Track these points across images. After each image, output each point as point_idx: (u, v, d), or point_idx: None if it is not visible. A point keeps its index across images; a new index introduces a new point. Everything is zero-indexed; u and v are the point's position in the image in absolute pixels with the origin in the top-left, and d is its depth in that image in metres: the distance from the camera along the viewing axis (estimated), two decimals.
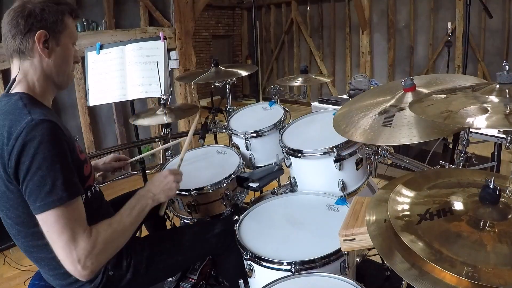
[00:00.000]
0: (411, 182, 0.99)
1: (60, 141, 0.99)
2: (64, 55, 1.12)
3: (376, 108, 1.26)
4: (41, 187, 0.94)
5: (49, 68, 1.10)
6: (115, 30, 4.20)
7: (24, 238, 1.08)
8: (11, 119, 0.99)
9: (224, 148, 1.94)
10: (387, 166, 3.52)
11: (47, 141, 0.95)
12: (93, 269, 1.02)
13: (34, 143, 0.94)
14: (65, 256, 0.98)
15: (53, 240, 0.98)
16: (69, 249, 0.97)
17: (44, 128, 0.96)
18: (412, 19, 6.40)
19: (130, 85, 2.59)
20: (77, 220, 1.00)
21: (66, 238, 0.97)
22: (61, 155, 0.98)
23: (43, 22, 1.04)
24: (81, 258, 0.98)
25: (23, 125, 0.95)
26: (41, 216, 0.96)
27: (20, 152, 0.94)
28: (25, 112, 0.99)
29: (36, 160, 0.94)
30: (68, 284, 1.14)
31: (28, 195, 0.96)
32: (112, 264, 1.18)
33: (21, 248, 1.12)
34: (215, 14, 9.01)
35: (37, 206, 0.95)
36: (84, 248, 0.99)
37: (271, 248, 1.21)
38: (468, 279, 0.67)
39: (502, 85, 0.88)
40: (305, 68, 2.28)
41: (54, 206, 0.95)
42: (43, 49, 1.06)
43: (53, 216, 0.96)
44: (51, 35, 1.06)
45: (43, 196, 0.94)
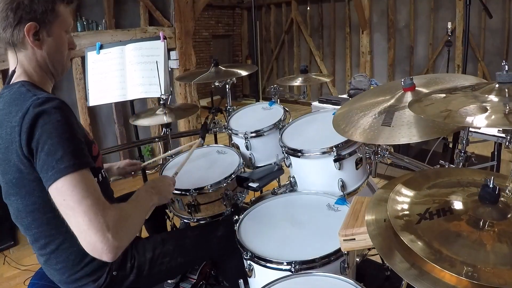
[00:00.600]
0: (411, 182, 0.99)
1: (68, 114, 0.97)
2: (57, 45, 1.09)
3: (376, 108, 1.26)
4: (52, 155, 0.90)
5: (42, 59, 1.08)
6: (115, 30, 4.20)
7: (38, 227, 1.07)
8: (16, 104, 0.98)
9: (224, 148, 1.94)
10: (387, 166, 3.52)
11: (56, 112, 0.93)
12: (123, 243, 0.92)
13: (44, 115, 0.92)
14: (90, 223, 0.87)
15: (72, 207, 0.88)
16: (95, 214, 0.88)
17: (52, 103, 0.95)
18: (412, 19, 6.40)
19: (130, 85, 2.59)
20: (96, 190, 0.93)
21: (89, 203, 0.88)
22: (71, 126, 0.95)
23: (33, 13, 1.01)
24: (110, 224, 0.88)
25: (29, 103, 0.94)
26: (54, 185, 0.90)
27: (30, 126, 0.92)
28: (30, 94, 0.99)
29: (46, 129, 0.91)
30: (72, 281, 1.14)
31: (41, 167, 0.92)
32: (117, 265, 1.18)
33: (33, 240, 1.10)
34: (215, 14, 9.01)
35: (49, 175, 0.90)
36: (113, 214, 0.91)
37: (271, 248, 1.21)
38: (468, 278, 0.67)
39: (502, 85, 0.88)
40: (305, 68, 2.28)
41: (67, 173, 0.89)
42: (33, 41, 1.04)
43: (69, 183, 0.89)
44: (41, 26, 1.04)
45: (54, 164, 0.90)
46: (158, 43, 2.58)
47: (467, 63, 2.10)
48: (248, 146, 1.84)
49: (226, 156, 1.86)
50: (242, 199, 1.73)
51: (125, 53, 2.61)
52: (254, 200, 1.76)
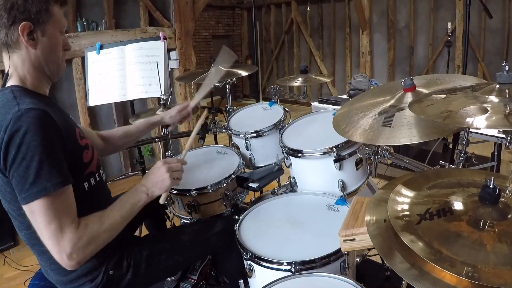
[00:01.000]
0: (411, 182, 1.00)
1: (46, 129, 0.97)
2: (51, 45, 1.09)
3: (376, 108, 1.26)
4: (25, 178, 0.93)
5: (37, 59, 1.08)
6: (115, 30, 4.20)
7: (26, 229, 1.08)
8: (2, 113, 0.98)
9: (224, 148, 1.94)
10: (387, 166, 3.52)
11: (32, 130, 0.94)
12: (79, 261, 1.00)
13: (19, 133, 0.93)
14: (52, 246, 0.97)
15: (40, 230, 0.97)
16: (56, 239, 0.96)
17: (30, 117, 0.94)
18: (412, 19, 6.40)
19: (130, 85, 2.59)
20: (64, 211, 0.98)
21: (53, 228, 0.95)
22: (46, 144, 0.96)
23: (26, 13, 1.01)
24: (66, 249, 0.97)
25: (10, 116, 0.95)
26: (27, 207, 0.95)
27: (7, 143, 0.93)
28: (14, 103, 0.99)
29: (21, 150, 0.93)
30: (68, 281, 1.14)
31: (15, 187, 0.96)
32: (113, 264, 1.18)
33: (25, 240, 1.12)
34: (215, 14, 9.01)
35: (22, 197, 0.94)
36: (70, 239, 0.97)
37: (271, 248, 1.21)
38: (468, 279, 0.67)
39: (502, 85, 0.88)
40: (305, 68, 2.28)
41: (38, 197, 0.93)
42: (28, 41, 1.04)
43: (39, 207, 0.94)
44: (35, 26, 1.04)
45: (28, 187, 0.93)
46: (158, 43, 2.58)
47: (467, 63, 2.10)
48: (248, 146, 1.84)
49: (226, 156, 1.86)
50: (242, 199, 1.73)
51: (125, 53, 2.61)
52: (254, 200, 1.76)
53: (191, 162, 1.86)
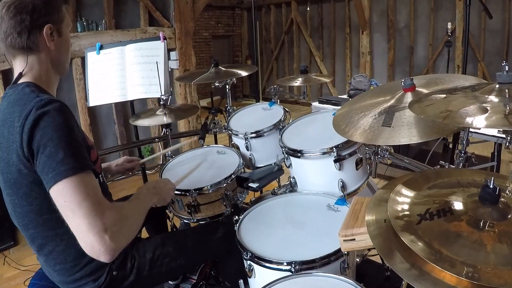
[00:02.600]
0: (411, 182, 0.99)
1: (69, 118, 0.98)
2: (65, 44, 1.15)
3: (376, 108, 1.26)
4: (52, 158, 0.91)
5: (56, 59, 1.12)
6: (115, 31, 4.20)
7: (34, 228, 1.07)
8: (20, 104, 0.99)
9: (224, 148, 1.94)
10: (387, 166, 3.52)
11: (58, 115, 0.95)
12: (121, 245, 0.94)
13: (45, 117, 0.93)
14: (88, 225, 0.89)
15: (72, 210, 0.90)
16: (94, 217, 0.89)
17: (54, 105, 0.96)
18: (412, 19, 6.40)
19: (130, 85, 2.59)
20: (95, 191, 0.95)
21: (89, 205, 0.90)
22: (71, 129, 0.97)
23: (48, 16, 1.05)
24: (108, 226, 0.90)
25: (33, 104, 0.95)
26: (56, 187, 0.91)
27: (32, 127, 0.93)
28: (34, 95, 1.00)
29: (47, 132, 0.93)
30: (72, 281, 1.14)
31: (41, 169, 0.93)
32: (117, 265, 1.18)
33: (30, 240, 1.11)
34: (215, 14, 9.01)
35: (49, 177, 0.91)
36: (110, 216, 0.92)
37: (271, 248, 1.21)
38: (468, 279, 0.67)
39: (502, 85, 0.88)
40: (305, 68, 2.28)
41: (68, 175, 0.90)
42: (50, 42, 1.07)
43: (70, 185, 0.90)
44: (54, 28, 1.08)
45: (55, 166, 0.91)
46: (158, 44, 2.58)
47: (467, 63, 2.10)
48: (248, 146, 1.84)
49: (226, 157, 1.86)
50: (242, 199, 1.73)
51: (125, 53, 2.61)
52: (254, 200, 1.76)
53: (191, 162, 1.86)
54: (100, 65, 2.63)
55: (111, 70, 2.61)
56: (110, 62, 2.62)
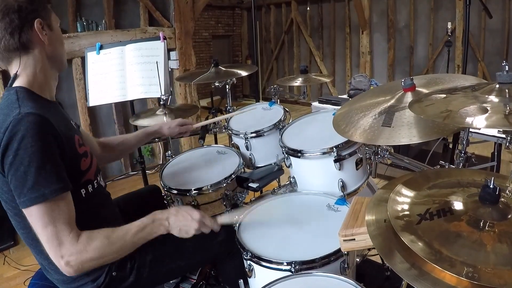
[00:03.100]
0: (411, 182, 0.99)
1: (45, 135, 0.97)
2: (58, 38, 1.15)
3: (376, 108, 1.26)
4: (23, 183, 0.94)
5: (51, 54, 1.12)
6: (115, 30, 4.20)
7: (23, 229, 1.08)
8: (4, 113, 1.00)
9: (224, 148, 1.94)
10: (387, 166, 3.52)
11: (31, 135, 0.94)
12: (76, 270, 1.00)
13: (18, 137, 0.94)
14: (49, 249, 0.98)
15: (39, 233, 0.98)
16: (53, 244, 0.97)
17: (29, 122, 0.95)
18: (412, 19, 6.40)
19: (130, 85, 2.59)
20: (62, 218, 0.99)
21: (49, 233, 0.97)
22: (45, 150, 0.96)
23: (35, 12, 1.06)
24: (64, 255, 0.98)
25: (11, 119, 0.96)
26: (26, 211, 0.97)
27: (5, 146, 0.94)
28: (16, 106, 1.00)
29: (19, 155, 0.93)
30: (70, 281, 1.14)
31: (14, 190, 0.97)
32: (117, 265, 1.18)
33: (23, 240, 1.12)
34: (215, 14, 9.00)
35: (21, 201, 0.96)
36: (68, 248, 0.98)
37: (271, 248, 1.21)
38: (468, 279, 0.67)
39: (502, 85, 0.88)
40: (305, 68, 2.28)
41: (37, 202, 0.95)
42: (44, 36, 1.08)
43: (37, 212, 0.96)
44: (44, 22, 1.08)
45: (26, 192, 0.94)
46: (158, 44, 2.57)
47: (467, 63, 2.10)
48: (248, 146, 1.84)
49: (226, 156, 1.86)
50: (242, 199, 1.73)
51: (125, 53, 2.61)
52: (254, 200, 1.76)
53: (191, 162, 1.87)
54: (100, 65, 2.62)
55: (111, 70, 2.61)
56: (110, 62, 2.62)
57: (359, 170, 1.54)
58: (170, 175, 1.76)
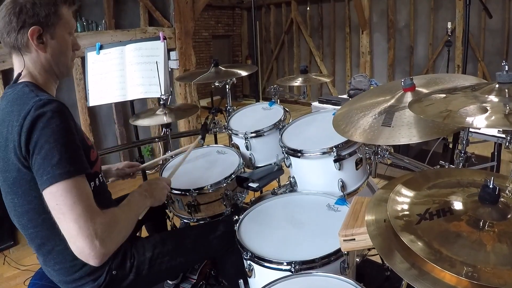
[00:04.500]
0: (411, 182, 0.99)
1: (68, 119, 0.98)
2: (60, 47, 1.11)
3: (375, 108, 1.26)
4: (48, 160, 0.92)
5: (47, 61, 1.10)
6: (115, 30, 4.20)
7: (34, 227, 1.07)
8: (18, 104, 0.99)
9: (224, 148, 1.94)
10: (387, 166, 3.52)
11: (56, 116, 0.95)
12: (110, 250, 0.96)
13: (43, 118, 0.94)
14: (79, 230, 0.90)
15: (63, 213, 0.91)
16: (84, 222, 0.91)
17: (53, 106, 0.96)
18: (412, 19, 6.40)
19: (130, 85, 2.59)
20: (88, 196, 0.96)
21: (80, 210, 0.91)
22: (69, 131, 0.97)
23: (35, 17, 1.03)
24: (98, 232, 0.92)
25: (31, 104, 0.96)
26: (49, 189, 0.92)
27: (30, 127, 0.93)
28: (33, 95, 1.00)
29: (45, 133, 0.93)
30: (71, 281, 1.14)
31: (37, 170, 0.94)
32: (116, 264, 1.18)
33: (29, 239, 1.11)
34: (215, 14, 9.01)
35: (44, 179, 0.92)
36: (102, 222, 0.94)
37: (271, 248, 1.21)
38: (468, 279, 0.67)
39: (502, 85, 0.88)
40: (305, 68, 2.28)
41: (62, 179, 0.92)
42: (38, 45, 1.05)
43: (62, 189, 0.92)
44: (44, 29, 1.05)
45: (50, 169, 0.92)
46: (158, 44, 2.57)
47: (467, 63, 2.10)
48: (248, 146, 1.84)
49: (226, 156, 1.86)
50: (242, 199, 1.73)
51: (125, 53, 2.61)
52: (254, 200, 1.76)
53: (191, 162, 1.86)
54: (100, 65, 2.63)
55: (111, 70, 2.61)
56: (110, 62, 2.62)
57: (359, 170, 1.54)
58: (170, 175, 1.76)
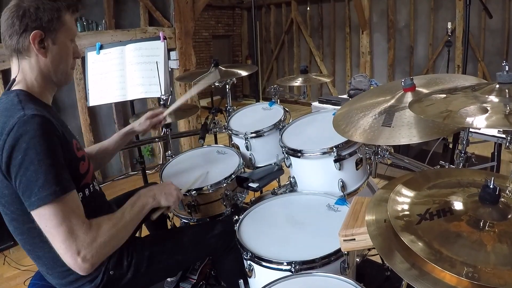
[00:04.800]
0: (411, 182, 0.99)
1: (51, 136, 0.98)
2: (61, 53, 1.11)
3: (376, 108, 1.26)
4: (34, 182, 0.93)
5: (46, 67, 1.09)
6: (115, 30, 4.20)
7: (20, 235, 1.08)
8: (5, 115, 0.99)
9: (224, 148, 1.94)
10: (387, 166, 3.52)
11: (38, 135, 0.95)
12: (93, 263, 1.01)
13: (26, 138, 0.94)
14: (65, 249, 0.97)
15: (52, 234, 0.97)
16: (69, 241, 0.96)
17: (35, 123, 0.95)
18: (412, 19, 6.40)
19: (130, 85, 2.59)
20: (74, 213, 0.99)
21: (64, 230, 0.96)
22: (52, 151, 0.97)
23: (38, 21, 1.03)
24: (80, 250, 0.97)
25: (15, 120, 0.95)
26: (36, 211, 0.95)
27: (12, 147, 0.94)
28: (19, 108, 0.99)
29: (28, 155, 0.93)
30: (67, 283, 1.14)
31: (22, 192, 0.95)
32: (113, 264, 1.18)
33: (22, 246, 1.12)
34: (215, 14, 9.01)
35: (31, 201, 0.94)
36: (83, 240, 0.98)
37: (271, 248, 1.21)
38: (468, 279, 0.67)
39: (502, 85, 0.88)
40: (305, 68, 2.28)
41: (49, 201, 0.94)
42: (39, 49, 1.05)
43: (49, 211, 0.95)
44: (47, 34, 1.05)
45: (37, 191, 0.93)
46: (158, 43, 2.57)
47: (467, 63, 2.10)
48: (248, 146, 1.84)
49: (226, 156, 1.86)
50: (242, 199, 1.73)
51: (125, 53, 2.61)
52: (254, 200, 1.76)
53: (191, 162, 1.86)
54: (100, 65, 2.62)
55: (111, 70, 2.61)
56: (110, 62, 2.62)
57: (359, 170, 1.54)
58: (170, 175, 1.76)
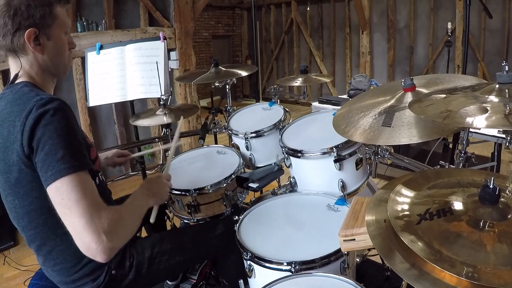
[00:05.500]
0: (411, 182, 0.99)
1: (70, 116, 0.98)
2: (57, 47, 1.10)
3: (376, 108, 1.26)
4: (52, 155, 0.91)
5: (44, 63, 1.09)
6: (115, 31, 4.20)
7: (34, 228, 1.07)
8: (19, 104, 0.99)
9: (224, 148, 1.94)
10: (387, 166, 3.52)
11: (58, 114, 0.94)
12: (117, 245, 0.94)
13: (46, 116, 0.93)
14: (85, 225, 0.88)
15: (70, 207, 0.89)
16: (90, 216, 0.89)
17: (55, 104, 0.95)
18: (412, 19, 6.40)
19: (130, 85, 2.60)
20: (93, 191, 0.95)
21: (86, 205, 0.90)
22: (71, 128, 0.97)
23: (31, 19, 1.01)
24: (105, 226, 0.90)
25: (33, 103, 0.95)
26: (54, 184, 0.90)
27: (33, 125, 0.93)
28: (33, 94, 1.00)
29: (48, 130, 0.92)
30: (71, 281, 1.14)
31: (41, 167, 0.93)
32: (115, 264, 1.18)
33: (29, 240, 1.11)
34: (215, 14, 9.01)
35: (48, 175, 0.91)
36: (108, 217, 0.92)
37: (271, 248, 1.21)
38: (468, 279, 0.67)
39: (502, 85, 0.88)
40: (305, 68, 2.28)
41: (67, 173, 0.90)
42: (35, 47, 1.04)
43: (68, 184, 0.90)
44: (41, 31, 1.04)
45: (55, 164, 0.91)
46: (158, 44, 2.58)
47: (467, 63, 2.10)
48: (248, 146, 1.84)
49: (226, 157, 1.86)
50: (242, 199, 1.73)
51: (125, 53, 2.61)
52: (254, 200, 1.76)
53: (191, 162, 1.87)
54: (100, 65, 2.63)
55: (111, 70, 2.61)
56: (110, 62, 2.62)
57: (359, 170, 1.54)
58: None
